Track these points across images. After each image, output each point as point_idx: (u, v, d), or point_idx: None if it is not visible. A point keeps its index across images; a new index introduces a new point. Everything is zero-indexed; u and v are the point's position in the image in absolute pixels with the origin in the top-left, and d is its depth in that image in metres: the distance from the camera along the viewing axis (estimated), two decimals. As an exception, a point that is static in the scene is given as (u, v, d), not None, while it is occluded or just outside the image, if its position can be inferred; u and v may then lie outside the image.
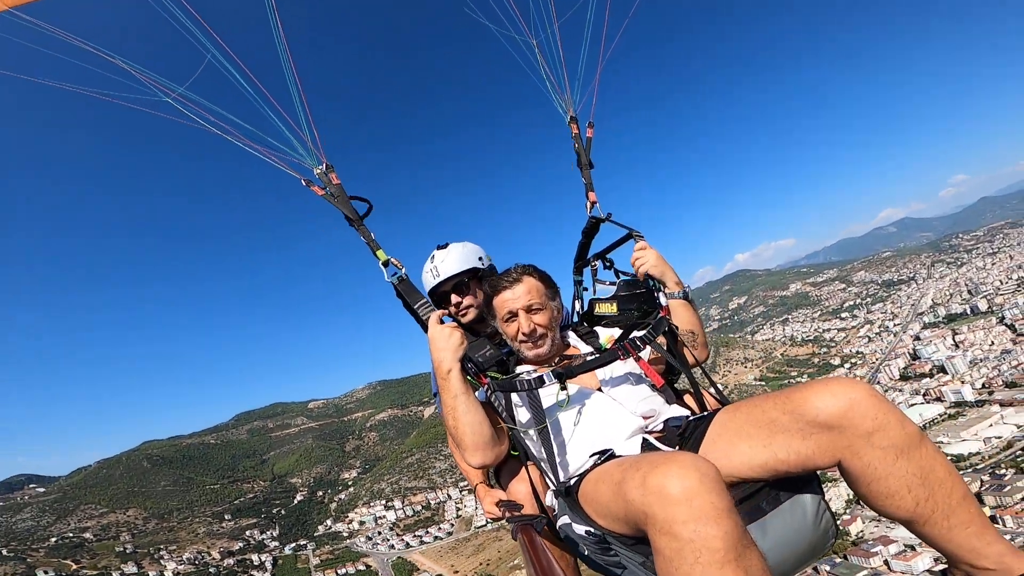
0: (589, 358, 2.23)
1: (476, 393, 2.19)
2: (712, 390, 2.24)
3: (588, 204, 2.94)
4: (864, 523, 59.65)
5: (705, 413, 2.04)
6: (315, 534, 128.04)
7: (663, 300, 2.44)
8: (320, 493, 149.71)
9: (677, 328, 2.28)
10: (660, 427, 2.09)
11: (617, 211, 2.70)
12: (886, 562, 49.09)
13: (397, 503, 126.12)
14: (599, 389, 2.21)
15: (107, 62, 2.33)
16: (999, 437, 71.14)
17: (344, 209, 2.50)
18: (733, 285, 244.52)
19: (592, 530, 1.64)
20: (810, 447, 1.51)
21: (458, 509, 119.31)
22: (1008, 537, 1.68)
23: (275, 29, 2.43)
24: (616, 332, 2.54)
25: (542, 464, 2.11)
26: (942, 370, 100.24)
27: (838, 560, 51.33)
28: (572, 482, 1.93)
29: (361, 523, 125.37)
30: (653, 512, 1.26)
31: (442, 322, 2.19)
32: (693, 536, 1.19)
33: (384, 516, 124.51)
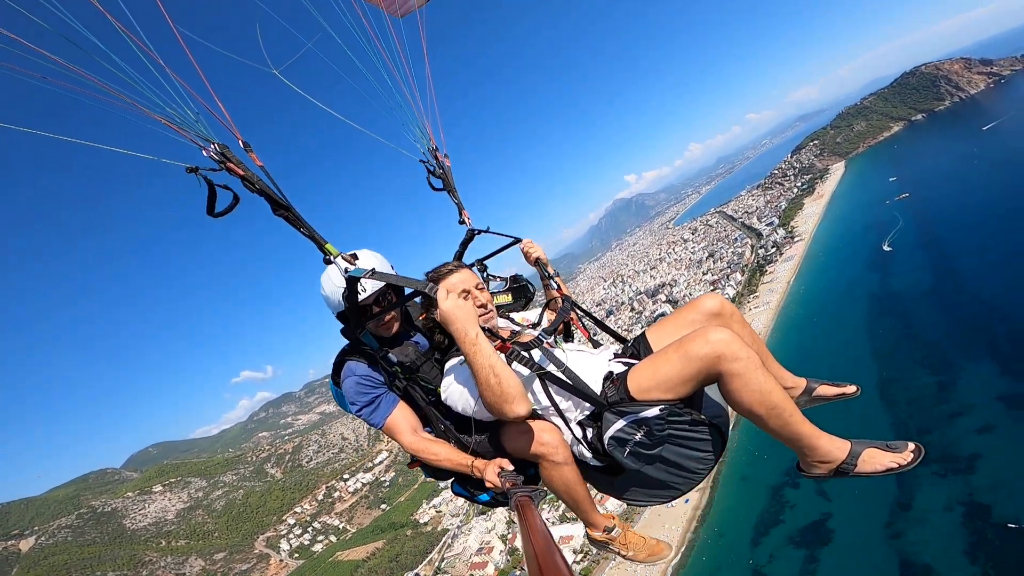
0: (535, 327, 3.15)
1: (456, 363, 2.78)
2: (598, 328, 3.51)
3: (466, 220, 3.71)
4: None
5: (632, 338, 3.08)
6: None
7: (553, 283, 3.44)
8: None
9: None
10: (612, 356, 2.98)
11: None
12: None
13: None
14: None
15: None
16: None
17: (273, 195, 2.32)
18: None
19: (663, 407, 2.44)
20: (713, 325, 2.67)
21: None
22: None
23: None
24: (526, 314, 3.40)
25: (560, 406, 2.67)
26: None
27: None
28: (612, 396, 2.59)
29: None
30: (722, 351, 2.28)
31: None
32: (748, 354, 2.29)
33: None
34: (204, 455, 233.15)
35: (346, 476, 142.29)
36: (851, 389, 3.05)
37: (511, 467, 2.71)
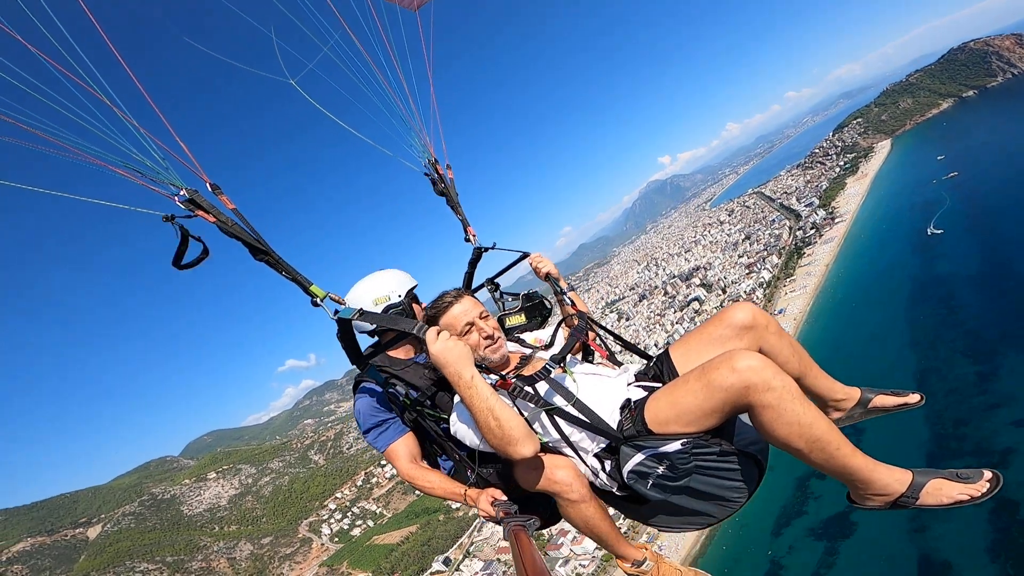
0: (546, 351, 2.86)
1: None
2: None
3: (471, 237, 3.49)
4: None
5: (655, 356, 2.79)
6: None
7: (567, 299, 3.13)
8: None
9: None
10: (633, 379, 2.72)
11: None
12: (571, 550, 72.75)
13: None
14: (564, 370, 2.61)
15: None
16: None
17: (248, 239, 2.26)
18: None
19: (686, 440, 2.20)
20: (744, 342, 2.46)
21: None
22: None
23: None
24: (539, 334, 3.13)
25: (572, 439, 2.45)
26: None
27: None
28: (628, 429, 2.36)
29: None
30: (753, 380, 1.98)
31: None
32: (783, 383, 1.98)
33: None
34: (254, 442, 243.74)
35: (383, 462, 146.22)
36: (914, 398, 2.67)
37: (504, 496, 2.67)
